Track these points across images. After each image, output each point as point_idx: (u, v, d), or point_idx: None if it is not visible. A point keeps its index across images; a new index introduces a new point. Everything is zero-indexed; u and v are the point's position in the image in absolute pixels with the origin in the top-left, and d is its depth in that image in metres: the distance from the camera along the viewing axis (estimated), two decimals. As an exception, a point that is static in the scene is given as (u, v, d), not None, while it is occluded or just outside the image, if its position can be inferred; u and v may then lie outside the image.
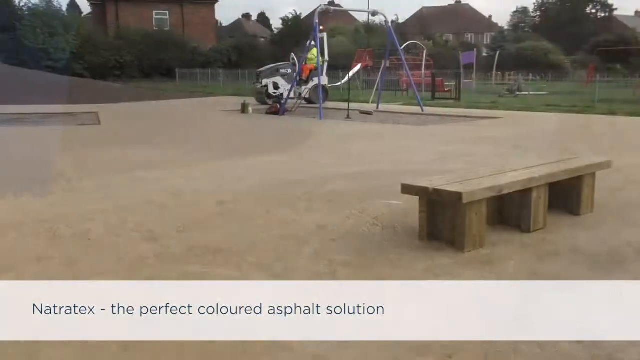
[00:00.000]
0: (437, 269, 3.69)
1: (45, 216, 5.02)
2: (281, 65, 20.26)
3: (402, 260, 3.85)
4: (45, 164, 8.06)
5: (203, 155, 8.84)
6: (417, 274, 3.62)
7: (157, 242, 4.28)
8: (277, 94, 19.40)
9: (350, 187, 6.28)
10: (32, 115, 15.91)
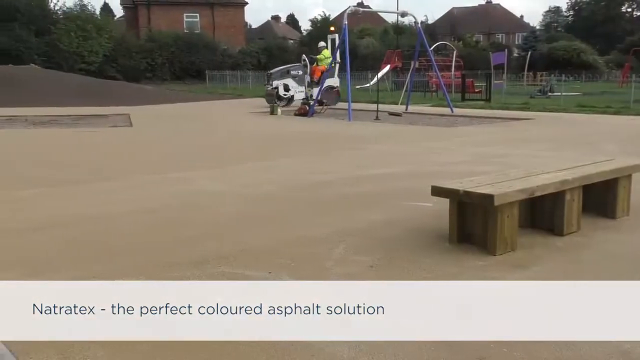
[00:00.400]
0: (467, 272, 3.64)
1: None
2: (292, 67, 20.07)
3: (431, 263, 3.81)
4: (86, 164, 8.21)
5: (232, 157, 8.90)
6: (447, 277, 3.58)
7: (193, 245, 4.31)
8: (288, 95, 19.26)
9: (378, 189, 6.26)
10: (65, 117, 16.22)
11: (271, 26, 71.52)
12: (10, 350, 2.59)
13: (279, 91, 19.21)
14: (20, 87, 22.55)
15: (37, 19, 39.42)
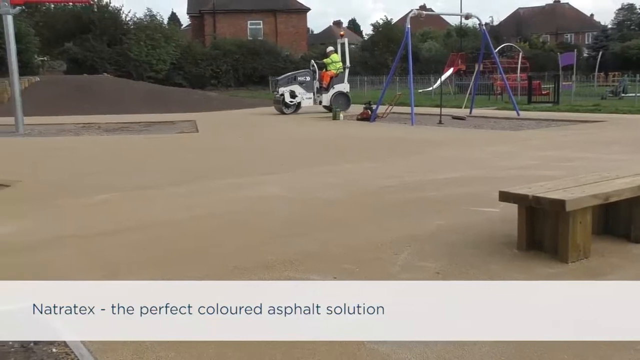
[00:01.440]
0: (537, 279, 3.55)
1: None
2: (299, 73, 19.89)
3: (499, 270, 3.73)
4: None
5: (296, 162, 8.98)
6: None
7: (259, 250, 4.39)
8: (294, 102, 19.10)
9: (443, 194, 6.18)
10: (135, 124, 16.79)
11: (333, 31, 71.79)
12: (89, 349, 2.71)
13: (285, 98, 19.09)
14: (94, 95, 23.52)
15: (109, 30, 41.03)
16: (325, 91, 19.21)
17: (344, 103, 19.27)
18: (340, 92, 19.35)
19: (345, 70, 19.68)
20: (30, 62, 34.45)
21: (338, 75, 19.43)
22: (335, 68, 19.42)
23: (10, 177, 7.46)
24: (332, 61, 19.55)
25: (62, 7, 43.60)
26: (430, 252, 4.13)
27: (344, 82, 19.58)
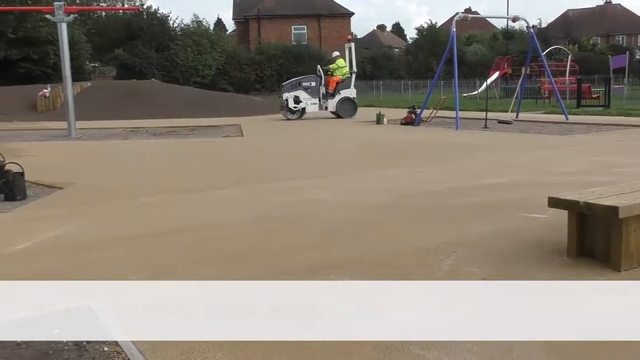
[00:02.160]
0: (588, 287, 3.46)
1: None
2: (304, 79, 19.63)
3: (548, 277, 3.65)
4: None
5: (340, 166, 9.00)
6: (566, 292, 3.41)
7: (304, 253, 4.41)
8: (299, 108, 18.82)
9: (490, 199, 6.09)
10: (181, 128, 17.10)
11: (377, 35, 71.71)
12: (139, 349, 2.77)
13: (288, 103, 18.85)
14: (142, 100, 24.08)
15: (157, 36, 41.95)
16: (331, 97, 19.03)
17: (350, 109, 19.09)
18: (347, 97, 19.15)
19: (352, 75, 19.47)
20: (82, 68, 35.54)
21: (344, 80, 19.23)
22: (341, 73, 19.24)
23: (64, 180, 7.71)
24: (338, 66, 19.36)
25: (113, 14, 44.84)
26: (476, 258, 4.08)
27: (350, 87, 19.36)
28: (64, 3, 14.97)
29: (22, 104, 23.50)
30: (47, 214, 5.88)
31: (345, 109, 18.91)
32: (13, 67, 31.84)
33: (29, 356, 2.72)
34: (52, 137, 14.70)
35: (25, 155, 10.15)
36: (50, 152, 11.73)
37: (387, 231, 4.94)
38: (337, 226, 5.16)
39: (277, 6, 48.39)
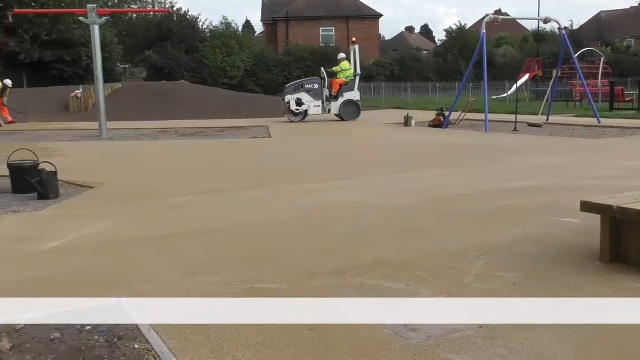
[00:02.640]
0: (622, 294, 3.39)
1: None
2: (306, 81, 19.52)
3: (580, 283, 3.59)
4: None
5: (367, 168, 8.98)
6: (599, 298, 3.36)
7: (332, 255, 4.41)
8: (300, 110, 18.69)
9: (519, 203, 6.01)
10: (210, 129, 17.25)
11: (405, 37, 71.34)
12: (168, 347, 2.80)
13: (290, 105, 18.72)
14: (171, 100, 24.35)
15: (187, 38, 42.39)
16: (335, 99, 18.91)
17: (353, 112, 18.95)
18: (350, 100, 19.01)
19: (355, 77, 19.33)
20: (113, 70, 36.10)
21: (348, 83, 19.12)
22: (344, 76, 19.13)
23: (95, 179, 7.83)
24: (342, 69, 19.23)
25: (143, 16, 45.45)
26: (506, 262, 4.03)
27: (354, 89, 19.20)
28: (96, 5, 15.24)
29: (55, 104, 23.96)
30: (78, 213, 5.98)
31: (349, 112, 18.81)
32: (46, 68, 32.46)
33: (62, 351, 2.76)
34: (83, 137, 14.95)
35: (58, 154, 10.34)
36: (81, 152, 11.93)
37: (415, 233, 4.91)
38: (365, 228, 5.15)
39: (305, 8, 48.49)
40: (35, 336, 2.93)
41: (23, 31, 31.03)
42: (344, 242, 4.69)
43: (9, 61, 30.45)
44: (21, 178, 6.90)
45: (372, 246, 4.54)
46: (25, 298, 3.50)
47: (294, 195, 6.73)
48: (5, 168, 7.21)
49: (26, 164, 7.07)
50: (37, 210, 6.12)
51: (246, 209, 6.06)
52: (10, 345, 2.79)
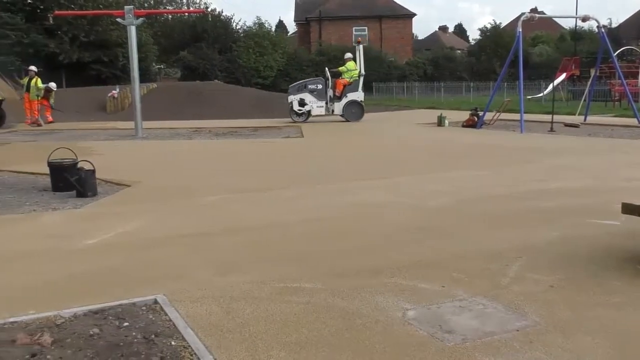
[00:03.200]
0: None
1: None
2: (310, 81, 19.33)
3: (621, 286, 3.51)
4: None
5: (400, 168, 8.92)
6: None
7: (366, 255, 4.40)
8: (303, 110, 18.52)
9: (557, 204, 5.91)
10: (243, 129, 17.36)
11: (438, 37, 70.70)
12: (205, 344, 2.83)
13: (293, 106, 18.58)
14: (205, 100, 24.62)
15: (221, 38, 42.77)
16: (338, 100, 18.77)
17: (357, 112, 18.75)
18: (354, 100, 18.82)
19: (359, 78, 19.13)
20: (149, 70, 36.65)
21: (352, 83, 18.94)
22: (349, 76, 18.96)
23: (131, 178, 7.95)
24: (348, 69, 19.06)
25: (178, 17, 46.02)
26: (543, 265, 3.96)
27: (358, 90, 19.00)
28: (133, 7, 15.48)
29: (93, 104, 24.45)
30: (115, 211, 6.09)
31: (352, 112, 18.67)
32: (85, 69, 33.15)
33: (101, 347, 2.81)
34: (120, 137, 15.20)
35: (95, 153, 10.53)
36: (118, 151, 12.13)
37: (450, 234, 4.87)
38: (399, 228, 5.12)
39: (339, 8, 48.48)
40: (75, 331, 2.99)
41: (62, 33, 31.76)
42: (378, 242, 4.68)
43: (49, 62, 31.15)
44: (61, 177, 7.06)
45: (406, 246, 4.51)
46: (64, 294, 3.58)
47: (328, 195, 6.73)
48: (46, 167, 7.38)
49: (66, 163, 7.22)
50: (75, 208, 6.24)
51: (280, 209, 6.08)
52: (52, 340, 2.85)
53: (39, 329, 2.99)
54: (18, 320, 3.12)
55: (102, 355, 2.72)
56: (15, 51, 31.41)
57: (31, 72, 19.29)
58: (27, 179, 8.22)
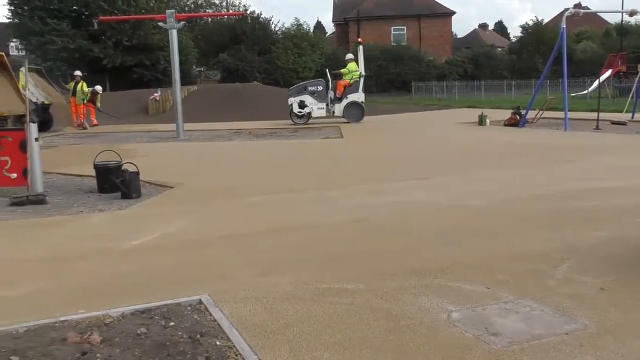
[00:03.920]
0: None
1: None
2: (310, 83, 19.10)
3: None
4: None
5: (442, 168, 8.82)
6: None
7: (408, 255, 4.37)
8: (304, 112, 18.34)
9: (605, 204, 5.76)
10: (282, 130, 17.45)
11: (478, 34, 69.72)
12: (249, 344, 2.85)
13: (293, 108, 18.43)
14: (245, 102, 24.82)
15: (260, 40, 43.14)
16: (339, 101, 18.57)
17: (357, 113, 18.49)
18: (354, 101, 18.56)
19: (360, 79, 18.88)
20: (189, 73, 37.23)
21: (352, 84, 18.71)
22: (350, 77, 18.74)
23: (173, 179, 8.07)
24: (349, 70, 18.83)
25: (218, 20, 46.60)
26: (592, 266, 3.87)
27: (358, 91, 18.74)
28: (174, 11, 15.73)
29: (135, 107, 24.93)
30: (159, 212, 6.19)
31: (352, 114, 18.51)
32: (127, 72, 33.91)
33: (148, 346, 2.86)
34: (162, 139, 15.46)
35: (138, 155, 10.74)
36: (160, 153, 12.34)
37: (494, 235, 4.79)
38: (441, 228, 5.06)
39: (377, 7, 48.32)
40: (123, 331, 3.05)
41: (106, 38, 32.56)
42: (420, 242, 4.64)
43: (93, 66, 31.99)
44: (106, 178, 7.22)
45: (449, 247, 4.45)
46: (112, 294, 3.65)
47: (369, 195, 6.71)
48: (92, 169, 7.55)
49: (111, 165, 7.38)
50: (121, 209, 6.37)
51: (321, 209, 6.09)
52: (101, 339, 2.92)
53: (89, 328, 3.07)
54: (68, 319, 3.20)
55: (150, 355, 2.77)
56: (62, 56, 32.38)
57: (77, 77, 19.80)
58: (74, 180, 8.43)
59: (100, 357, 2.74)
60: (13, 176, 7.10)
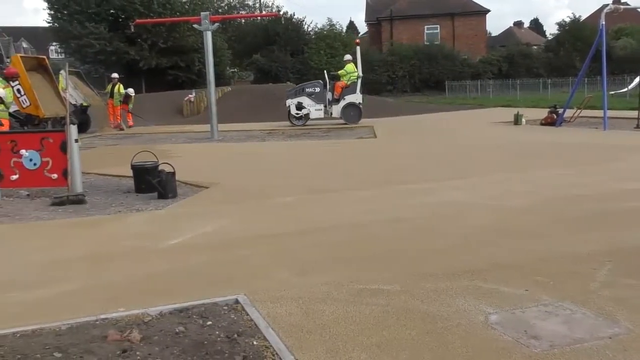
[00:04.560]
0: None
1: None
2: (308, 84, 18.96)
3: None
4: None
5: (478, 168, 8.72)
6: None
7: (445, 256, 4.34)
8: (301, 114, 18.25)
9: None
10: (316, 130, 17.48)
11: (513, 32, 68.68)
12: (286, 344, 2.86)
13: (290, 110, 18.33)
14: (278, 102, 24.89)
15: (292, 41, 43.29)
16: (336, 102, 18.40)
17: (354, 115, 18.30)
18: (352, 103, 18.35)
19: (358, 80, 18.65)
20: (223, 74, 37.54)
21: (350, 85, 18.50)
22: (348, 79, 18.54)
23: (209, 179, 8.16)
24: (347, 72, 18.65)
25: (251, 21, 46.93)
26: (635, 269, 3.78)
27: (356, 92, 18.53)
28: (209, 13, 15.89)
29: (170, 108, 25.28)
30: (195, 212, 6.26)
31: (350, 115, 18.37)
32: (163, 74, 34.39)
33: (187, 345, 2.90)
34: (196, 140, 15.64)
35: (174, 156, 10.87)
36: (195, 153, 12.48)
37: (531, 236, 4.71)
38: (477, 229, 5.00)
39: (410, 6, 48.01)
40: (162, 329, 3.09)
41: (142, 40, 33.06)
42: (456, 243, 4.59)
43: (130, 69, 32.53)
44: (143, 178, 7.33)
45: (486, 248, 4.40)
46: (150, 292, 3.71)
47: (404, 196, 6.67)
48: (129, 169, 7.68)
49: (148, 165, 7.49)
50: (157, 209, 6.46)
51: (356, 209, 6.07)
52: (140, 337, 2.96)
53: (128, 326, 3.12)
54: (109, 317, 3.26)
55: (188, 353, 2.80)
56: (100, 59, 33.04)
57: (114, 79, 20.18)
58: (112, 181, 8.59)
59: (140, 355, 2.79)
60: (54, 177, 7.28)
